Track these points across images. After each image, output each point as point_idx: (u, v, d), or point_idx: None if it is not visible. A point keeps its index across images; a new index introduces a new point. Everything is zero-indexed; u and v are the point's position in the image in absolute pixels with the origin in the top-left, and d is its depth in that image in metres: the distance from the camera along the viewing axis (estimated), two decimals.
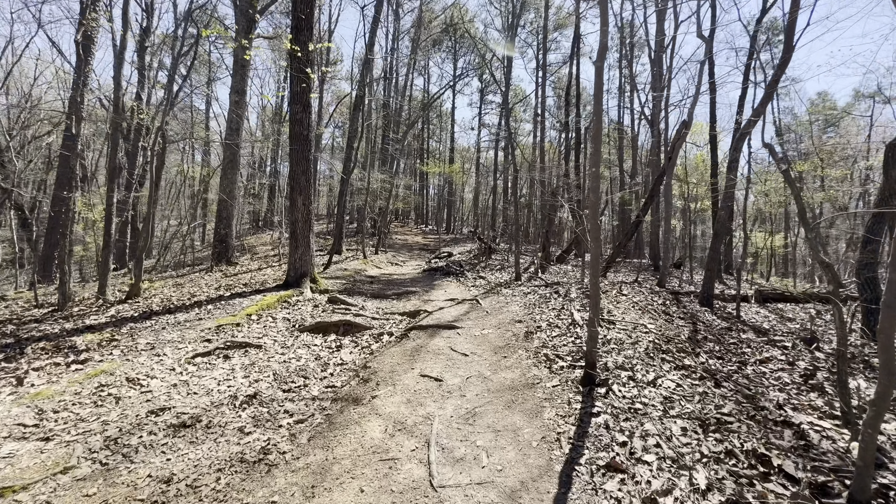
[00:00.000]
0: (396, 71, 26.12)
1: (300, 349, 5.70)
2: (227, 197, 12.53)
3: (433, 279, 10.98)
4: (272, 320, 6.62)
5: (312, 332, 6.39)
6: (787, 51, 6.77)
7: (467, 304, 7.50)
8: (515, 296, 7.82)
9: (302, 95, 8.28)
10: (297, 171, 8.42)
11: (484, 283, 9.76)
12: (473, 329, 5.89)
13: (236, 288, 8.41)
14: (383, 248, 16.84)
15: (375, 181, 16.18)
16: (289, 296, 7.76)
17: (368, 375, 4.66)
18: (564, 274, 11.24)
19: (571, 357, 4.46)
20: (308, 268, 8.55)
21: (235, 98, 12.87)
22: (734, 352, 4.86)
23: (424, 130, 33.29)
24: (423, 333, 5.95)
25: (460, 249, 17.98)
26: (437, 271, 12.01)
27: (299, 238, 8.46)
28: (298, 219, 8.46)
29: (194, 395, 4.18)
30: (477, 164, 29.39)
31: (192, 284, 9.16)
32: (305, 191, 8.47)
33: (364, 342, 6.06)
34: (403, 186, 37.68)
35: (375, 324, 6.77)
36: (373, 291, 9.05)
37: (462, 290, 9.20)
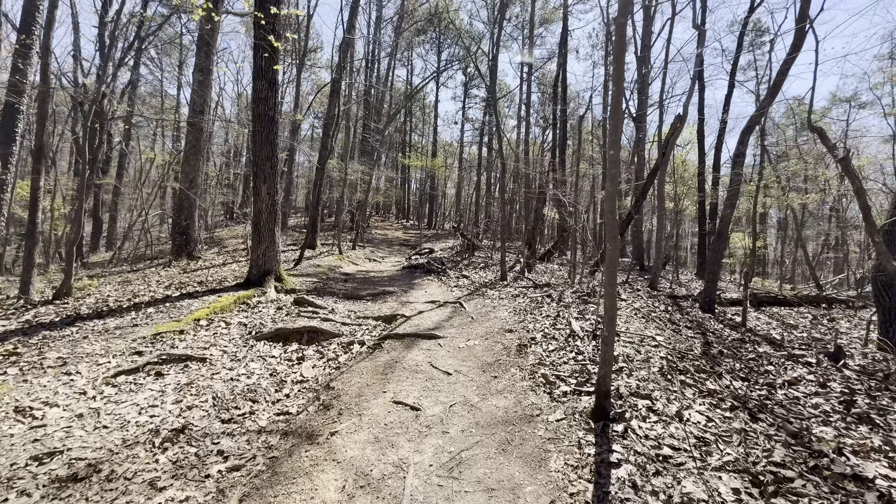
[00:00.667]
0: (378, 60, 24.98)
1: (253, 362, 4.78)
2: (188, 185, 11.34)
3: (413, 277, 10.12)
4: (224, 326, 5.66)
5: (271, 340, 5.46)
6: (798, 35, 6.16)
7: (450, 308, 6.68)
8: (503, 298, 7.04)
9: (267, 70, 7.26)
10: (261, 157, 7.41)
11: (467, 283, 8.95)
12: (457, 339, 5.07)
13: (190, 286, 7.36)
14: (361, 244, 15.85)
15: (354, 172, 15.17)
16: (248, 296, 6.78)
17: (330, 399, 3.78)
18: (552, 273, 10.55)
19: (575, 379, 3.69)
20: (273, 265, 7.57)
21: (199, 77, 11.65)
22: (756, 370, 4.18)
23: (407, 123, 32.20)
24: (399, 344, 5.10)
25: (442, 245, 17.15)
26: (418, 269, 11.14)
27: (263, 232, 7.46)
28: (262, 210, 7.46)
29: (103, 431, 3.23)
30: (460, 158, 28.52)
31: (141, 282, 8.05)
32: (270, 179, 7.47)
33: (331, 353, 5.17)
34: (385, 180, 36.54)
35: (346, 330, 5.88)
36: (346, 291, 8.13)
37: (444, 290, 8.38)
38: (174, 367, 4.42)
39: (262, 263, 7.46)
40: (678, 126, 9.61)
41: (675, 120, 9.77)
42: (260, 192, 7.44)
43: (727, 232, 6.60)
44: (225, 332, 5.47)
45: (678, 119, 9.69)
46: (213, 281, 7.84)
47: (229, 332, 5.51)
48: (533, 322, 5.28)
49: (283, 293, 7.48)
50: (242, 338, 5.39)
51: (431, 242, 18.97)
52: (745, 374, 4.03)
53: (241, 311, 6.34)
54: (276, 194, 7.57)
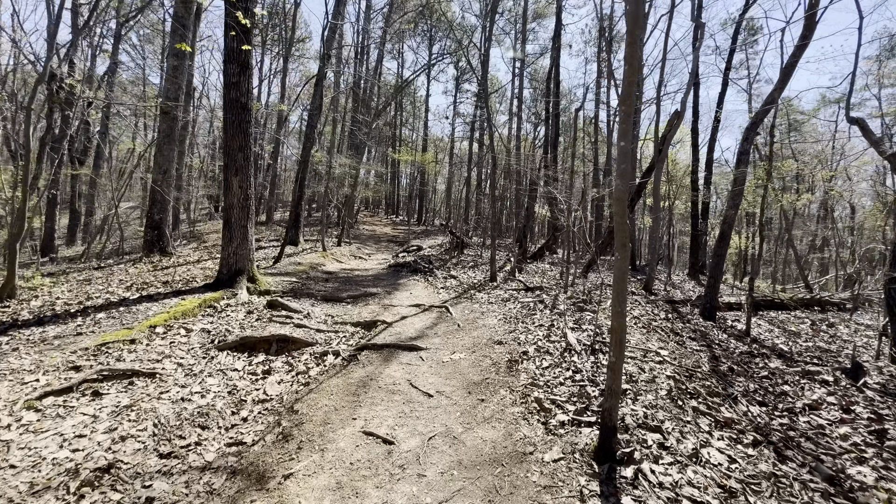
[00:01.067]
0: (368, 52, 24.18)
1: (211, 378, 4.21)
2: (162, 176, 10.61)
3: (398, 277, 9.57)
4: (184, 334, 5.06)
5: (236, 350, 4.88)
6: (809, 23, 5.72)
7: (435, 313, 6.15)
8: (492, 303, 6.53)
9: (237, 52, 6.61)
10: (233, 147, 6.78)
11: (455, 284, 8.44)
12: (441, 351, 4.55)
13: (153, 287, 6.72)
14: (347, 240, 15.23)
15: (340, 166, 14.51)
16: (216, 299, 6.18)
17: (292, 427, 3.24)
18: (543, 274, 10.08)
19: (573, 405, 3.19)
20: (245, 264, 6.96)
21: (174, 62, 10.88)
22: (772, 391, 3.74)
23: (397, 117, 31.44)
24: (377, 356, 4.56)
25: (431, 243, 16.60)
26: (404, 268, 10.59)
27: (234, 228, 6.84)
28: (234, 205, 6.84)
29: (8, 473, 2.65)
30: (451, 153, 27.90)
31: (102, 281, 7.38)
32: (243, 171, 6.85)
33: (302, 365, 4.62)
34: (374, 174, 35.77)
35: (320, 338, 5.33)
36: (326, 292, 7.55)
37: (430, 292, 7.85)
38: (116, 386, 3.83)
39: (234, 262, 6.85)
40: (675, 122, 9.17)
41: (673, 116, 9.33)
42: (231, 184, 6.81)
43: (730, 233, 6.17)
44: (183, 342, 4.87)
45: (676, 115, 9.25)
46: (181, 280, 7.20)
47: (189, 341, 4.92)
48: (525, 332, 4.77)
49: (255, 295, 6.88)
50: (203, 348, 4.81)
51: (420, 239, 18.41)
52: (762, 396, 3.58)
53: (206, 315, 5.74)
54: (249, 187, 6.95)
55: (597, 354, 4.03)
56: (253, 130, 7.15)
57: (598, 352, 4.08)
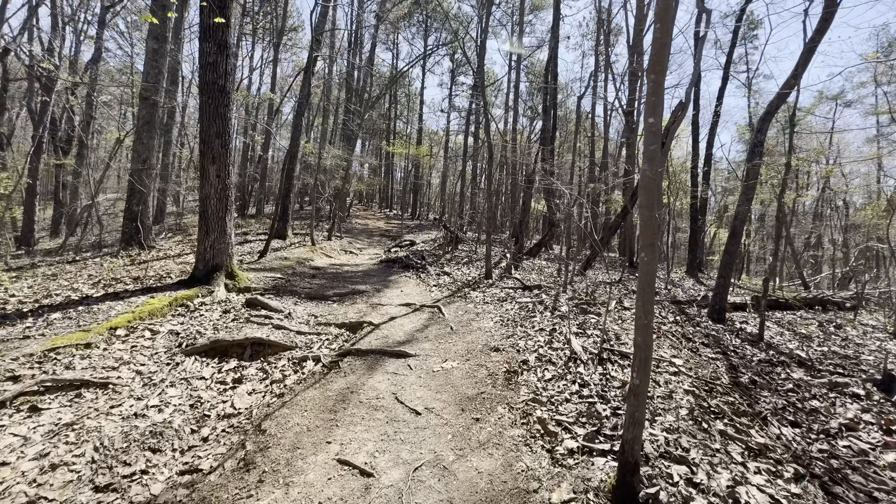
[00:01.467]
0: (361, 42, 23.48)
1: (173, 388, 3.71)
2: (141, 165, 10.00)
3: (389, 273, 9.08)
4: (149, 336, 4.55)
5: (205, 355, 4.38)
6: (829, 6, 5.29)
7: (426, 314, 5.68)
8: (488, 302, 6.07)
9: (214, 30, 6.04)
10: (210, 133, 6.23)
11: (448, 282, 7.97)
12: (432, 358, 4.08)
13: (122, 283, 6.19)
14: (338, 234, 14.68)
15: (332, 158, 13.94)
16: (190, 297, 5.66)
17: (256, 452, 2.77)
18: (540, 271, 9.64)
19: (582, 427, 2.75)
20: (223, 259, 6.43)
21: (154, 45, 10.24)
22: (801, 407, 3.32)
23: (392, 110, 30.77)
24: (361, 363, 4.09)
25: (424, 237, 16.11)
26: (396, 263, 10.10)
27: (211, 220, 6.31)
28: (210, 195, 6.30)
29: None
30: (446, 147, 27.32)
31: (70, 276, 6.82)
32: (221, 159, 6.30)
33: (278, 373, 4.14)
34: (368, 168, 35.09)
35: (301, 341, 4.84)
36: (311, 290, 7.05)
37: (421, 289, 7.37)
38: (60, 399, 3.33)
39: (210, 258, 6.32)
40: (680, 114, 8.70)
41: (677, 108, 8.86)
42: (208, 173, 6.27)
43: (742, 231, 5.75)
44: (147, 346, 4.37)
45: (680, 106, 8.78)
46: (154, 277, 6.67)
47: (153, 344, 4.41)
48: (524, 337, 4.32)
49: (234, 292, 6.36)
50: (168, 352, 4.31)
51: (413, 234, 17.91)
52: (792, 414, 3.15)
53: (176, 315, 5.22)
54: (227, 177, 6.41)
55: (605, 365, 3.59)
56: (233, 116, 6.60)
57: (606, 361, 3.64)
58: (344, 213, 19.36)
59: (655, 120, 2.07)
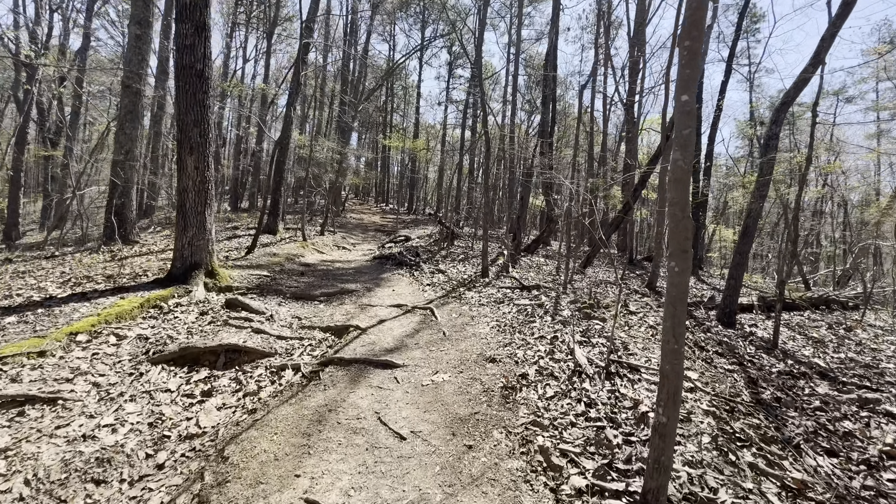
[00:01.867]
0: (357, 32, 22.82)
1: (133, 403, 3.31)
2: (123, 157, 9.51)
3: (382, 271, 8.68)
4: (114, 342, 4.14)
5: (174, 364, 3.98)
6: None
7: (418, 316, 5.28)
8: (483, 304, 5.68)
9: (192, 10, 5.56)
10: (187, 121, 5.77)
11: (443, 280, 7.57)
12: (421, 369, 3.69)
13: (93, 282, 5.75)
14: (331, 229, 14.23)
15: (326, 150, 13.46)
16: (165, 297, 5.24)
17: (211, 489, 2.37)
18: (538, 268, 9.26)
19: (591, 458, 2.36)
20: (202, 256, 6.00)
21: (136, 31, 9.71)
22: (833, 429, 2.95)
23: (388, 103, 30.16)
24: (344, 375, 3.70)
25: (420, 232, 15.69)
26: (389, 260, 9.69)
27: (189, 215, 5.87)
28: (188, 188, 5.85)
29: None
30: (443, 140, 26.79)
31: (41, 273, 6.38)
32: (199, 149, 5.85)
33: (252, 384, 3.74)
34: (364, 162, 34.51)
35: (281, 347, 4.44)
36: (298, 289, 6.64)
37: (414, 289, 6.98)
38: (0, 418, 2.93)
39: (189, 255, 5.89)
40: None
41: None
42: (185, 165, 5.82)
43: (755, 229, 5.37)
44: (110, 353, 3.96)
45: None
46: (130, 274, 6.23)
47: (117, 351, 4.00)
48: (523, 346, 3.93)
49: (214, 292, 5.94)
50: (133, 361, 3.90)
51: (409, 228, 17.48)
52: (826, 439, 2.78)
53: (148, 318, 4.81)
54: (207, 168, 5.96)
55: (613, 379, 3.21)
56: (213, 103, 6.14)
57: (614, 375, 3.25)
58: (338, 208, 18.90)
59: (690, 98, 1.66)
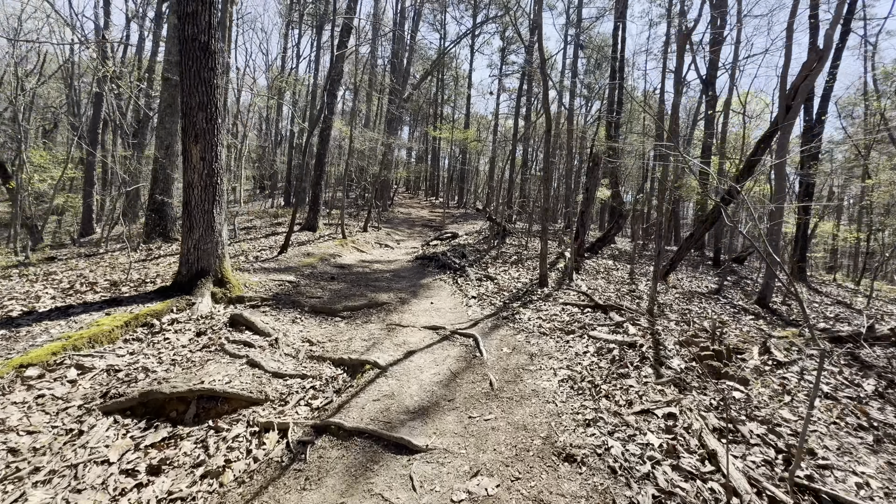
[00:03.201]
0: (404, 16, 21.60)
1: (42, 488, 2.27)
2: (164, 153, 9.03)
3: (422, 275, 7.42)
4: (72, 377, 3.19)
5: (132, 414, 2.94)
6: None
7: (457, 348, 3.92)
8: (545, 332, 4.19)
9: None
10: (191, 104, 4.79)
11: (491, 290, 6.14)
12: (453, 462, 2.32)
13: (94, 289, 5.00)
14: (375, 225, 13.22)
15: (369, 141, 12.44)
16: (159, 312, 4.31)
17: None
18: (607, 274, 7.53)
19: None
20: (210, 261, 5.04)
21: (175, 21, 9.10)
22: None
23: (439, 95, 28.86)
24: (340, 457, 2.43)
25: (468, 228, 14.29)
26: (431, 261, 8.41)
27: (194, 214, 4.92)
28: (194, 182, 4.89)
29: None
30: (495, 130, 25.01)
31: (63, 274, 5.80)
32: (206, 137, 4.86)
33: (219, 457, 2.59)
34: (414, 154, 33.58)
35: (274, 390, 3.29)
36: (320, 300, 5.54)
37: (456, 301, 5.62)
38: None
39: (195, 260, 4.95)
40: (816, 65, 6.16)
41: (812, 57, 6.28)
42: (190, 156, 4.85)
43: None
44: (59, 395, 3.00)
45: (816, 54, 6.21)
46: (137, 281, 5.44)
47: (69, 393, 3.04)
48: (617, 430, 2.40)
49: (223, 303, 4.97)
50: (83, 408, 2.91)
51: (458, 224, 16.15)
52: None
53: (132, 339, 3.87)
54: (216, 159, 4.97)
55: None
56: (223, 82, 5.13)
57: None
58: (386, 202, 17.98)
59: None
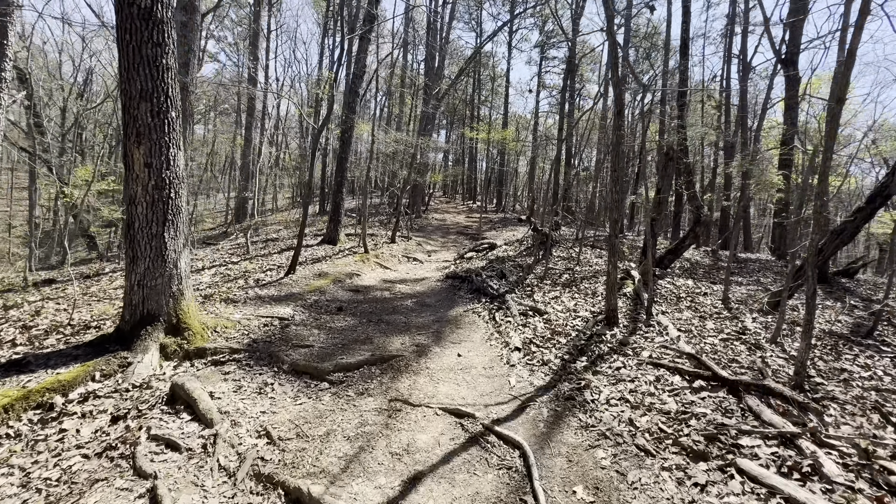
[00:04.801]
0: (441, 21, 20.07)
1: None
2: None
3: (451, 302, 5.78)
4: None
5: None
6: None
7: (493, 478, 2.22)
8: (646, 449, 2.39)
9: None
10: (131, 92, 3.45)
11: (541, 331, 4.39)
12: None
13: (14, 342, 3.79)
14: (404, 234, 11.70)
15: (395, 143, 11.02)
16: (72, 381, 2.96)
17: None
18: (691, 302, 5.50)
19: None
20: (161, 302, 3.67)
21: (182, 18, 8.09)
22: None
23: (476, 95, 27.13)
24: None
25: (508, 236, 12.48)
26: (464, 283, 6.75)
27: (138, 239, 3.57)
28: (138, 197, 3.55)
29: None
30: (535, 129, 22.93)
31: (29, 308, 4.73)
32: (152, 136, 3.51)
33: None
34: (452, 158, 31.99)
35: None
36: (310, 352, 4.04)
37: (494, 355, 3.92)
38: None
39: (140, 301, 3.60)
40: None
41: None
42: (132, 161, 3.52)
43: None
44: None
45: None
46: (77, 325, 4.18)
47: None
48: None
49: (177, 359, 3.57)
50: None
51: (496, 230, 14.36)
52: None
53: (2, 436, 2.53)
54: (167, 166, 3.61)
55: None
56: (174, 62, 3.76)
57: None
58: (419, 208, 16.53)
59: None
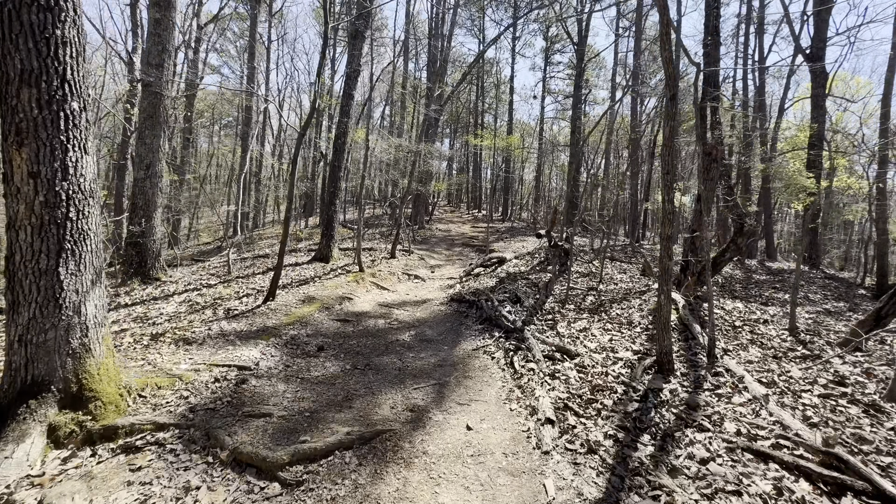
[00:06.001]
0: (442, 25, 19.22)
1: None
2: (144, 173, 7.06)
3: (457, 335, 4.67)
4: None
5: None
6: None
7: None
8: None
9: None
10: (9, 73, 2.43)
11: (576, 385, 3.27)
12: None
13: None
14: (405, 249, 10.62)
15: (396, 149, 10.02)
16: None
17: None
18: (750, 332, 4.34)
19: None
20: (55, 364, 2.60)
21: (156, 14, 7.18)
22: None
23: (479, 102, 26.21)
24: None
25: (517, 247, 11.37)
26: (472, 308, 5.65)
27: (20, 278, 2.52)
28: (19, 218, 2.50)
29: None
30: (540, 136, 21.91)
31: None
32: (39, 134, 2.47)
33: None
34: (456, 166, 31.01)
35: None
36: (265, 425, 2.95)
37: (517, 429, 2.80)
38: None
39: (22, 363, 2.53)
40: None
41: None
42: (11, 171, 2.48)
43: None
44: None
45: None
46: None
47: None
48: None
49: (74, 444, 2.49)
50: None
51: (504, 241, 13.25)
52: None
53: None
54: (63, 177, 2.57)
55: None
56: (71, 33, 2.74)
57: None
58: (422, 218, 15.50)
59: None
